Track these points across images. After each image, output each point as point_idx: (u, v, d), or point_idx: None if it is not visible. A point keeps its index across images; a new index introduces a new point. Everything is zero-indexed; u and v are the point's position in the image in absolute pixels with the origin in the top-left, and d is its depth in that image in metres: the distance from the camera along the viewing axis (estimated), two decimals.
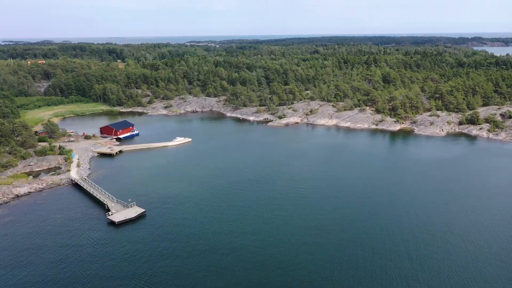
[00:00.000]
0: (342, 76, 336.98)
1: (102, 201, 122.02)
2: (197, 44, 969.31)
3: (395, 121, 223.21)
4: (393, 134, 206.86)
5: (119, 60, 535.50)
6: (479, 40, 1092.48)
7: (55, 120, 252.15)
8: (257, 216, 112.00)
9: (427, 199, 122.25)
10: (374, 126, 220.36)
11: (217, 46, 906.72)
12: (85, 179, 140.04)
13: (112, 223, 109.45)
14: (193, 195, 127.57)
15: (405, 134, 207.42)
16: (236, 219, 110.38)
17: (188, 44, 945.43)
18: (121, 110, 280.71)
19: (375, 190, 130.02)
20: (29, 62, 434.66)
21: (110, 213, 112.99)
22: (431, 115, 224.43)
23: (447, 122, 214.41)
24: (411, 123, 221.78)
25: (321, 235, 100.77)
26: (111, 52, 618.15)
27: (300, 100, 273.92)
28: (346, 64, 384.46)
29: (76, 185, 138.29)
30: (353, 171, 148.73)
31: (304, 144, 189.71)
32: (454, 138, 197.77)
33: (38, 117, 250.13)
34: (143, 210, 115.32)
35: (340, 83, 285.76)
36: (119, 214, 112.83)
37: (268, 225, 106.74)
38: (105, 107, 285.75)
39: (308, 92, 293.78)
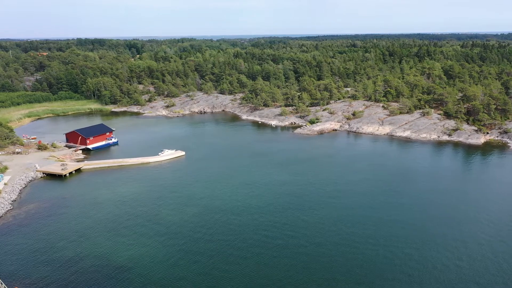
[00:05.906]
0: (389, 70, 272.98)
1: None
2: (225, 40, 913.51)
3: (476, 130, 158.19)
4: (477, 150, 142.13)
5: (138, 55, 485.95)
6: None
7: (27, 121, 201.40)
8: None
9: None
10: (446, 137, 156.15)
11: (246, 42, 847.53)
12: None
13: None
14: (154, 273, 69.07)
15: (495, 149, 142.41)
16: None
17: (215, 40, 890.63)
18: (113, 110, 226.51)
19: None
20: (31, 54, 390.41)
21: None
22: None
23: None
24: (500, 133, 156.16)
25: None
26: (132, 46, 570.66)
27: (339, 99, 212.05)
28: (392, 57, 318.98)
29: None
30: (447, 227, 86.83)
31: (348, 167, 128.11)
32: None
33: (6, 117, 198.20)
34: None
35: (390, 77, 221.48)
36: None
37: None
38: (95, 106, 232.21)
39: (348, 89, 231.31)
